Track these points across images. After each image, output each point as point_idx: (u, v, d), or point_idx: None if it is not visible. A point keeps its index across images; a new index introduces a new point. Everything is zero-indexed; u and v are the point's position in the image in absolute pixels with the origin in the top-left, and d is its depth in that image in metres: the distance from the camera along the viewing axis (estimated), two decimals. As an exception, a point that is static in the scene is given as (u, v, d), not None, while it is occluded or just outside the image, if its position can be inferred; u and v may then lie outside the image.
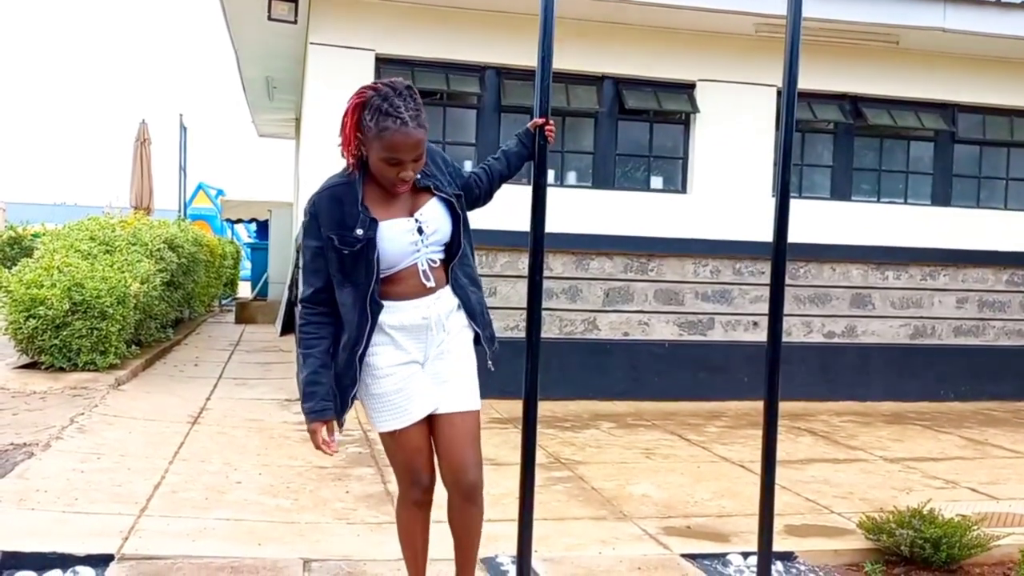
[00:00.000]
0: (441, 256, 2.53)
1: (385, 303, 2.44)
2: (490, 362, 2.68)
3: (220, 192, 23.00)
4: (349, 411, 2.52)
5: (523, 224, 2.79)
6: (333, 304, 2.45)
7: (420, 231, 2.45)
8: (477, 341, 2.62)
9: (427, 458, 2.58)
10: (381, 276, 2.42)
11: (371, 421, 2.59)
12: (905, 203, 8.56)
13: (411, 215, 2.46)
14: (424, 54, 7.44)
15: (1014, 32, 7.69)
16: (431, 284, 2.49)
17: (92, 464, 4.71)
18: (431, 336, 2.50)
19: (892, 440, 6.51)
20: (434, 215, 2.49)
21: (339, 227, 2.39)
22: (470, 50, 7.48)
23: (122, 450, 5.10)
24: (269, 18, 7.20)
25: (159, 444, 5.32)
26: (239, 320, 13.94)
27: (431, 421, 2.54)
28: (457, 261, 2.55)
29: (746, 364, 7.76)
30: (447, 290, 2.54)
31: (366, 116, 2.36)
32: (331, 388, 2.45)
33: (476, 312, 2.61)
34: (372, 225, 2.39)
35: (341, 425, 2.53)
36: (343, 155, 2.48)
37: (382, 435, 2.58)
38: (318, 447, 2.46)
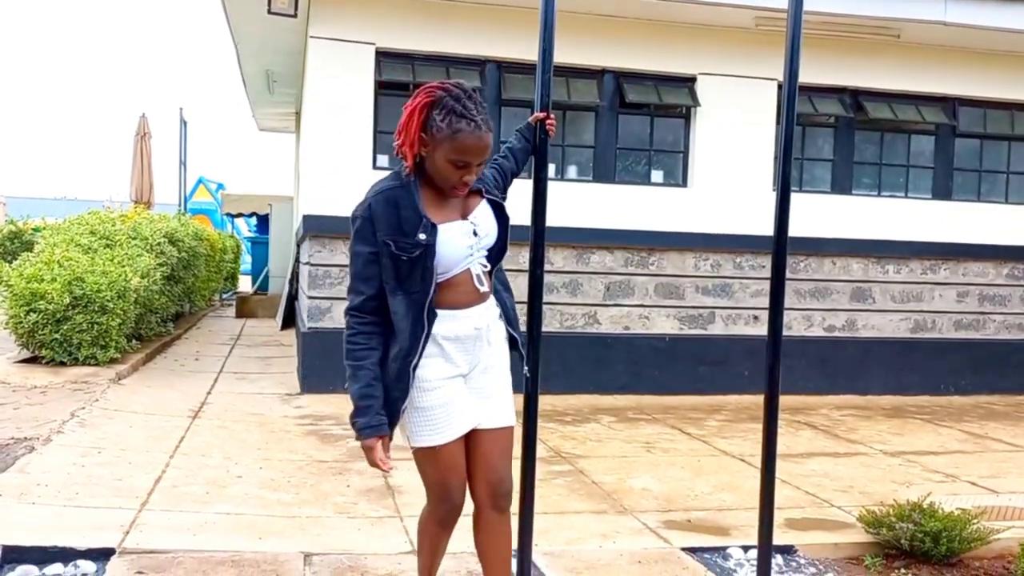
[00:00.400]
0: (487, 261, 2.46)
1: (439, 312, 2.36)
2: (525, 368, 2.63)
3: (220, 186, 22.97)
4: (397, 425, 2.44)
5: (524, 218, 2.78)
6: (383, 313, 2.35)
7: (475, 234, 2.39)
8: (514, 346, 2.57)
9: (462, 476, 2.49)
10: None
11: (408, 435, 2.48)
12: (906, 197, 8.55)
13: (464, 218, 2.39)
14: (424, 47, 7.42)
15: (1015, 26, 7.67)
16: (484, 289, 2.43)
17: (93, 458, 4.71)
18: (479, 348, 2.44)
19: (892, 434, 6.51)
20: (485, 218, 2.43)
21: (396, 232, 2.28)
22: (471, 44, 7.46)
23: (123, 444, 5.10)
24: (269, 12, 7.19)
25: (160, 438, 5.33)
26: (240, 314, 13.95)
27: (468, 435, 2.46)
28: (497, 266, 2.50)
29: (746, 358, 7.77)
30: (492, 298, 2.48)
31: (436, 116, 2.26)
32: (383, 401, 2.36)
33: (514, 319, 2.55)
34: (432, 230, 2.30)
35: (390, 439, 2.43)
36: (400, 155, 2.35)
37: (417, 450, 2.46)
38: (375, 464, 2.37)
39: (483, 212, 2.43)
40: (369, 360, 2.35)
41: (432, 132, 2.26)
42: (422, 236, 2.28)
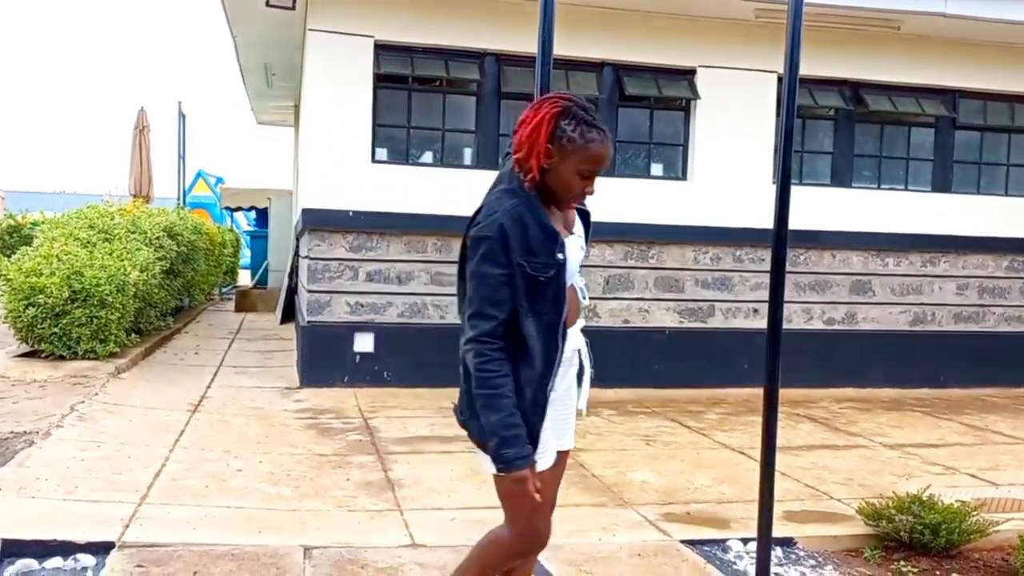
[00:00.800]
0: None
1: None
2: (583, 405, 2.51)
3: (220, 180, 22.95)
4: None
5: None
6: (508, 337, 2.21)
7: (582, 247, 2.38)
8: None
9: (551, 510, 2.42)
10: None
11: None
12: (906, 189, 8.54)
13: (570, 231, 2.35)
14: (424, 40, 7.40)
15: (1015, 17, 7.64)
16: (585, 302, 2.42)
17: (92, 452, 4.71)
18: (571, 367, 2.41)
19: (892, 427, 6.52)
20: (580, 229, 2.40)
21: (527, 252, 2.17)
22: (470, 37, 7.44)
23: (122, 438, 5.10)
24: (267, 4, 7.17)
25: (159, 432, 5.33)
26: (239, 308, 13.94)
27: None
28: None
29: (746, 351, 7.76)
30: None
31: (566, 126, 2.18)
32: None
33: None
34: (563, 247, 2.24)
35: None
36: (525, 167, 2.21)
37: (508, 478, 2.21)
38: (529, 495, 2.18)
39: (579, 224, 2.40)
40: (506, 387, 2.18)
41: (562, 143, 2.18)
42: (560, 255, 2.21)
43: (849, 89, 8.25)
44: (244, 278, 18.92)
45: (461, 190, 7.49)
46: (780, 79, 5.97)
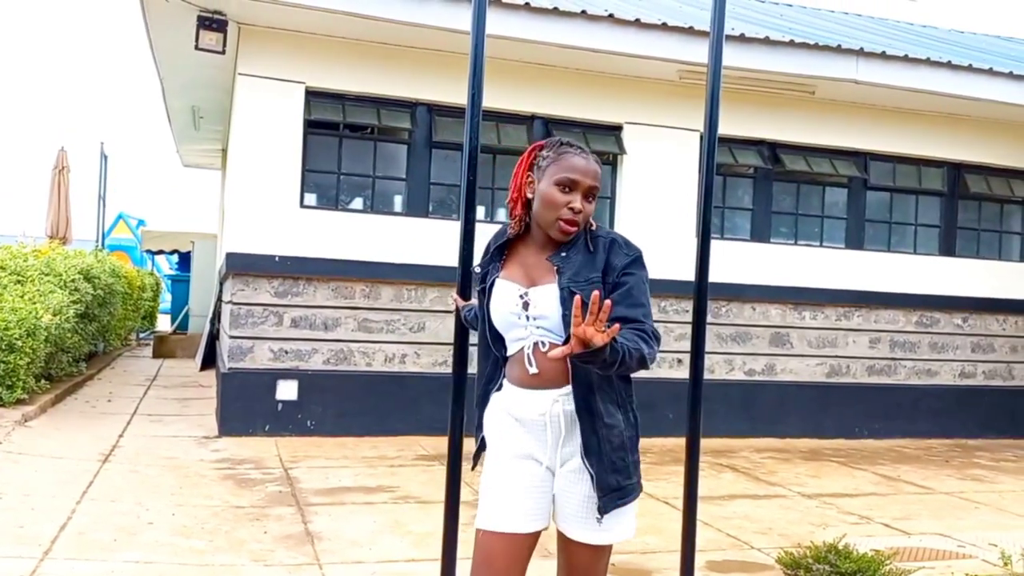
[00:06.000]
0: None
1: (504, 382, 2.38)
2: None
3: (141, 222, 22.39)
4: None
5: (450, 259, 2.78)
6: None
7: (525, 307, 2.27)
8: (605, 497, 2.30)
9: None
10: None
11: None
12: (821, 246, 8.88)
13: (531, 285, 2.31)
14: (356, 88, 7.43)
15: (920, 86, 8.12)
16: (533, 371, 2.31)
17: (-7, 505, 4.47)
18: (545, 433, 2.34)
19: (809, 476, 6.67)
20: (546, 297, 2.22)
21: (480, 267, 2.39)
22: (402, 86, 7.51)
23: (27, 489, 4.86)
24: (196, 47, 7.09)
25: (67, 483, 5.09)
26: (157, 354, 13.51)
27: (559, 544, 2.36)
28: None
29: (670, 401, 7.85)
30: (566, 388, 2.33)
31: (544, 152, 2.26)
32: None
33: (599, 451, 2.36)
34: (494, 274, 2.35)
35: None
36: (511, 208, 2.31)
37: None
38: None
39: (547, 292, 2.19)
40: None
41: (539, 164, 2.25)
42: (479, 270, 2.36)
43: (767, 149, 8.58)
44: (164, 323, 18.39)
45: (391, 237, 7.49)
46: (702, 137, 6.20)
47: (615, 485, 2.17)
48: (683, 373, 8.14)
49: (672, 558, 3.82)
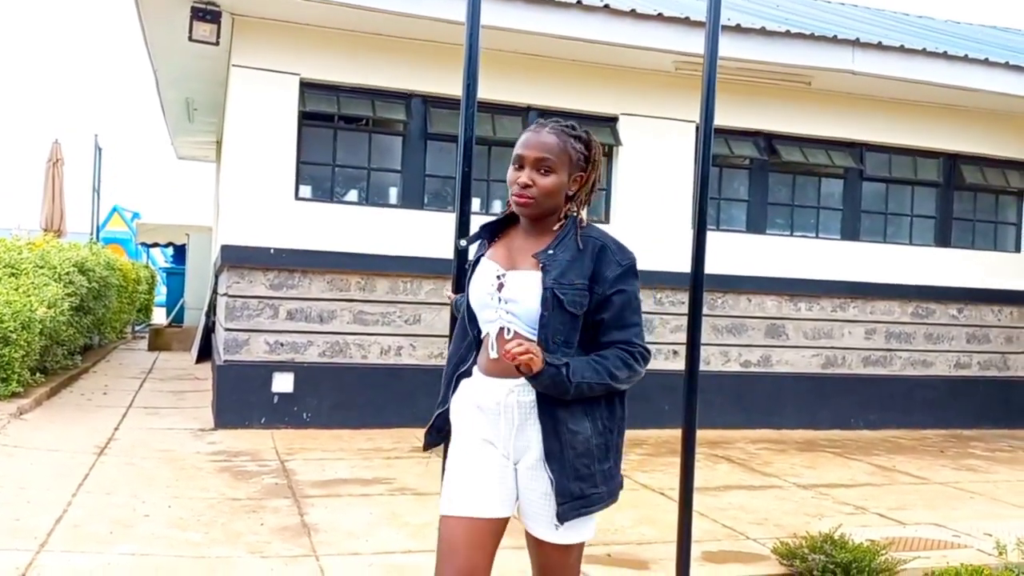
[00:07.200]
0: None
1: (474, 368, 2.41)
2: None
3: (136, 215, 22.32)
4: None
5: (444, 251, 2.78)
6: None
7: (499, 288, 2.29)
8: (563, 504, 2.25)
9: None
10: None
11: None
12: (816, 237, 8.88)
13: (511, 268, 2.33)
14: (350, 80, 7.40)
15: (916, 76, 8.11)
16: (493, 356, 2.34)
17: (-12, 498, 4.46)
18: (499, 419, 2.35)
19: (805, 467, 6.68)
20: (523, 282, 2.21)
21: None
22: (397, 77, 7.48)
23: (22, 482, 4.85)
24: (190, 39, 7.05)
25: (62, 476, 5.09)
26: (152, 347, 13.49)
27: (530, 544, 2.38)
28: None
29: (666, 393, 7.83)
30: (520, 381, 2.32)
31: None
32: None
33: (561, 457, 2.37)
34: (480, 250, 2.41)
35: None
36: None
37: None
38: None
39: (524, 278, 2.17)
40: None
41: None
42: (464, 242, 2.47)
43: (763, 140, 8.57)
44: (159, 316, 18.36)
45: (386, 229, 7.47)
46: (698, 128, 6.17)
47: (578, 493, 2.14)
48: (679, 364, 8.13)
49: (668, 548, 3.84)
